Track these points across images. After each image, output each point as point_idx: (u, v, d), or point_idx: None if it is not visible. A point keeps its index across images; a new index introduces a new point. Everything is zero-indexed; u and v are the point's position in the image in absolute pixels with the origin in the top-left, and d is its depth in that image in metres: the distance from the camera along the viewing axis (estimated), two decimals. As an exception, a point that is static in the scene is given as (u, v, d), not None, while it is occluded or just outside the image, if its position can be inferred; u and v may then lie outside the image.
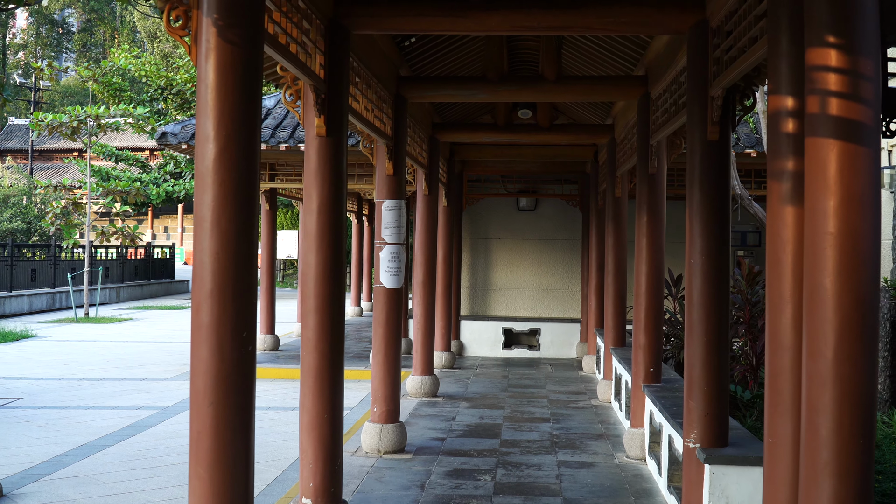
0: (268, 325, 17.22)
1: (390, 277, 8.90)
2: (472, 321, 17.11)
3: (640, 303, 8.87)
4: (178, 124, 14.78)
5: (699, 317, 5.98)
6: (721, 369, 5.96)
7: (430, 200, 12.14)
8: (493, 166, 16.82)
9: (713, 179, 6.02)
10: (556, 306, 17.41)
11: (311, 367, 6.11)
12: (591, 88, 9.23)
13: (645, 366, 8.78)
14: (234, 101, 4.13)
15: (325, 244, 6.08)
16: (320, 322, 6.09)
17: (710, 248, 5.99)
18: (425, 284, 12.17)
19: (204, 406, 4.11)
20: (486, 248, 17.54)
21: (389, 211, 8.91)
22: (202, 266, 4.11)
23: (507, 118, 12.28)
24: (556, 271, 17.45)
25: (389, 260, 8.89)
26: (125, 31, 75.58)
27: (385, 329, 8.95)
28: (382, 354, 8.96)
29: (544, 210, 17.56)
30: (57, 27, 79.28)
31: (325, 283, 6.08)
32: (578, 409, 11.62)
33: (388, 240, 8.91)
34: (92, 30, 79.54)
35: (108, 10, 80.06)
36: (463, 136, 12.78)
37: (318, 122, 6.03)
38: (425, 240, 12.13)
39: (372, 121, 7.99)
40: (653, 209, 8.83)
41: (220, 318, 4.10)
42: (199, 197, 4.14)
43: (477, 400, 12.10)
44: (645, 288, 8.83)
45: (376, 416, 8.99)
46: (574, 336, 16.98)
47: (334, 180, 6.10)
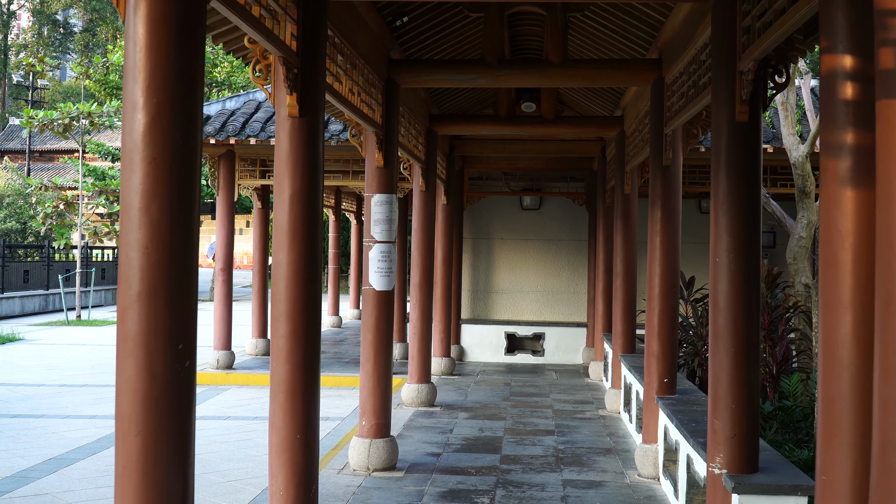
0: (259, 329, 16.46)
1: (380, 279, 8.14)
2: (474, 325, 16.35)
3: (654, 307, 8.10)
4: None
5: (726, 324, 5.21)
6: (750, 384, 5.19)
7: (428, 197, 11.39)
8: (495, 163, 16.06)
9: (742, 166, 5.25)
10: (562, 310, 16.64)
11: (283, 380, 5.36)
12: (599, 73, 8.46)
13: (658, 376, 8.02)
14: (168, 62, 3.38)
15: (299, 240, 5.33)
16: (292, 329, 5.33)
17: (739, 246, 5.23)
18: (423, 286, 11.42)
19: (130, 436, 3.36)
20: (488, 249, 16.78)
21: (379, 206, 8.16)
22: (128, 263, 3.36)
23: (509, 110, 11.52)
24: (562, 273, 16.69)
25: (379, 260, 8.13)
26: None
27: (375, 335, 8.19)
28: (372, 363, 8.21)
29: (549, 209, 16.79)
30: (59, 27, 78.76)
31: (297, 285, 5.33)
32: (585, 420, 10.86)
33: (377, 238, 8.16)
34: (94, 30, 78.97)
35: (110, 9, 79.53)
36: (462, 129, 12.02)
37: (289, 100, 5.28)
38: (422, 239, 11.38)
39: (358, 106, 7.24)
40: (667, 204, 8.07)
41: (149, 328, 3.34)
42: (126, 179, 3.39)
43: (477, 410, 11.33)
44: (658, 291, 8.06)
45: (365, 431, 8.23)
46: (580, 341, 16.21)
47: (308, 167, 5.35)
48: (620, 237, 11.31)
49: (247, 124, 13.76)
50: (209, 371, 14.33)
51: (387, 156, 8.14)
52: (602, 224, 14.21)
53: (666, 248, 8.06)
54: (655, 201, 8.15)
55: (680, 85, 7.35)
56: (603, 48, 9.63)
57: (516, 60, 8.32)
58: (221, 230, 14.47)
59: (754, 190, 5.27)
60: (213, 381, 14.11)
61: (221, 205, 14.44)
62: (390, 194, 8.18)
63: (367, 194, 8.22)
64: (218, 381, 14.09)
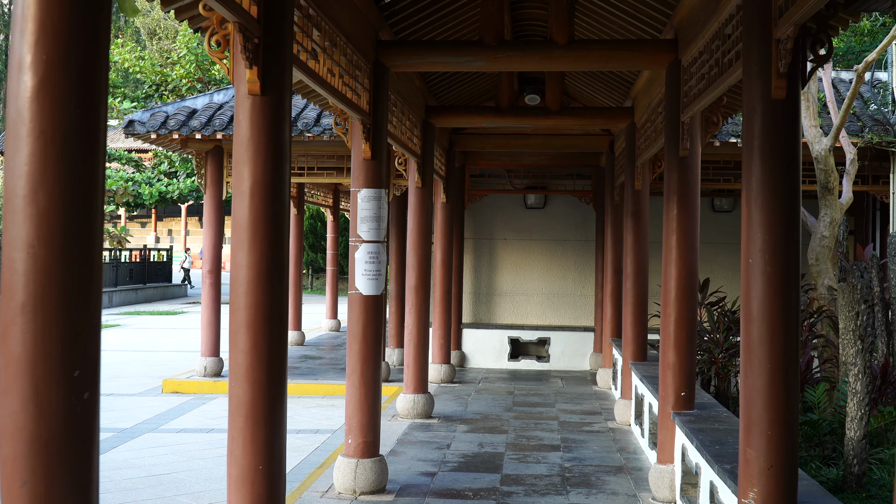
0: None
1: (367, 282, 7.39)
2: (475, 329, 15.58)
3: (669, 313, 7.34)
4: (146, 111, 13.32)
5: (761, 337, 4.44)
6: (789, 408, 4.43)
7: (424, 194, 10.63)
8: (497, 159, 15.30)
9: (779, 150, 4.49)
10: (568, 313, 15.86)
11: (242, 402, 4.61)
12: (609, 55, 7.68)
13: (675, 389, 7.25)
14: (63, 13, 2.63)
15: (260, 239, 4.57)
16: (253, 343, 4.58)
17: (776, 246, 4.46)
18: (419, 290, 10.66)
19: (14, 487, 2.60)
20: (490, 250, 16.01)
21: (367, 202, 7.40)
22: (11, 267, 2.61)
23: (511, 102, 10.75)
24: (568, 275, 15.91)
25: (367, 261, 7.38)
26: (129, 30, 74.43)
27: (362, 344, 7.43)
28: (358, 375, 7.45)
29: (554, 208, 16.02)
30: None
31: (259, 291, 4.57)
32: (593, 433, 10.09)
33: (364, 237, 7.40)
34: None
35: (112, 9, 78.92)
36: (461, 121, 11.24)
37: (249, 75, 4.52)
38: (419, 239, 10.62)
39: (340, 89, 6.48)
40: (684, 199, 7.30)
41: (37, 349, 2.59)
42: (9, 159, 2.64)
43: (477, 422, 10.57)
44: (675, 295, 7.30)
45: (351, 450, 7.47)
46: (587, 346, 15.43)
47: (272, 154, 4.59)
48: (631, 236, 10.55)
49: (235, 118, 13.00)
50: (195, 379, 13.58)
51: (375, 147, 7.38)
52: (610, 223, 13.44)
53: (683, 248, 7.30)
54: (671, 196, 7.39)
55: (699, 66, 6.58)
56: (612, 29, 8.87)
57: (517, 42, 7.56)
58: (209, 231, 13.73)
59: (793, 178, 4.50)
60: (199, 390, 13.36)
61: (209, 204, 13.69)
62: (378, 189, 7.43)
63: (354, 189, 7.47)
64: (204, 390, 13.35)
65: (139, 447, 9.91)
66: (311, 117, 12.83)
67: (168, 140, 13.39)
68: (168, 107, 13.46)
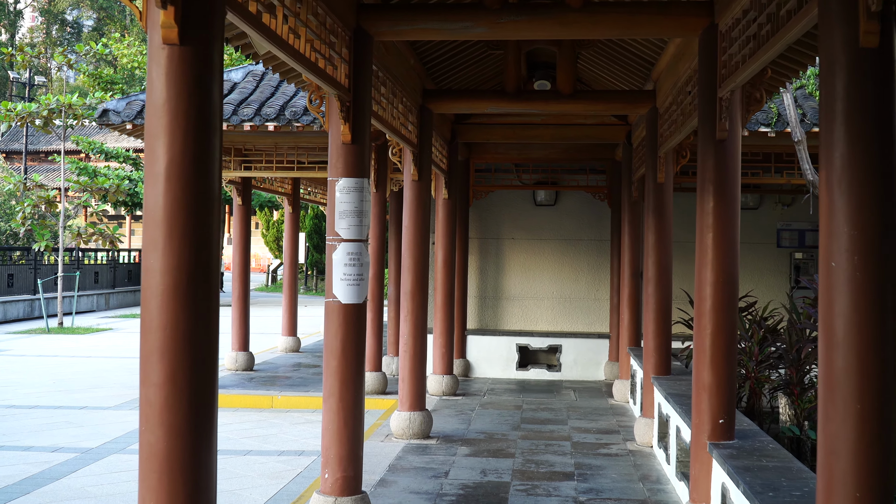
0: (240, 342, 14.59)
1: (347, 289, 6.26)
2: (481, 336, 14.44)
3: (704, 324, 6.19)
4: (122, 100, 12.21)
5: (848, 368, 3.31)
6: (885, 461, 3.29)
7: (421, 188, 9.50)
8: (504, 153, 14.15)
9: (872, 115, 3.35)
10: (581, 319, 14.71)
11: (156, 454, 3.48)
12: (631, 19, 6.51)
13: (711, 415, 6.11)
14: None
15: (180, 235, 3.45)
16: (170, 374, 3.46)
17: (868, 243, 3.32)
18: (416, 295, 9.53)
19: None
20: (497, 250, 14.86)
21: (346, 194, 6.28)
22: None
23: (518, 85, 9.60)
24: (581, 277, 14.75)
25: (346, 263, 6.25)
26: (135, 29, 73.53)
27: (340, 362, 6.31)
28: (336, 399, 6.32)
29: (566, 205, 14.86)
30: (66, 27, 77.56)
31: (179, 305, 3.45)
32: (611, 456, 8.94)
33: (343, 235, 6.28)
34: (102, 29, 77.57)
35: (118, 8, 78.55)
36: (463, 106, 10.09)
37: (163, 17, 3.40)
38: (415, 238, 9.49)
39: (309, 56, 5.36)
40: (722, 190, 6.16)
41: None
42: None
43: (480, 443, 9.42)
44: (712, 303, 6.15)
45: (328, 486, 6.34)
46: (602, 354, 14.28)
47: (196, 122, 3.48)
48: (652, 235, 9.40)
49: (217, 107, 11.89)
50: (176, 391, 12.47)
51: (355, 128, 6.25)
52: (627, 221, 12.29)
53: (721, 248, 6.16)
54: (706, 186, 6.24)
55: (744, 28, 5.44)
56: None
57: (524, 5, 6.43)
58: (190, 229, 12.62)
59: (888, 152, 3.36)
60: (180, 404, 12.24)
61: (191, 200, 12.57)
62: (360, 178, 6.30)
63: (331, 179, 6.34)
64: (185, 403, 12.22)
65: (100, 471, 8.81)
66: (300, 106, 11.71)
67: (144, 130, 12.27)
68: (144, 94, 12.34)
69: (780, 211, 14.99)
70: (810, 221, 15.23)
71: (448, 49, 9.54)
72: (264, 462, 9.23)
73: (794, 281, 15.16)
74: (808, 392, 8.42)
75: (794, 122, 10.62)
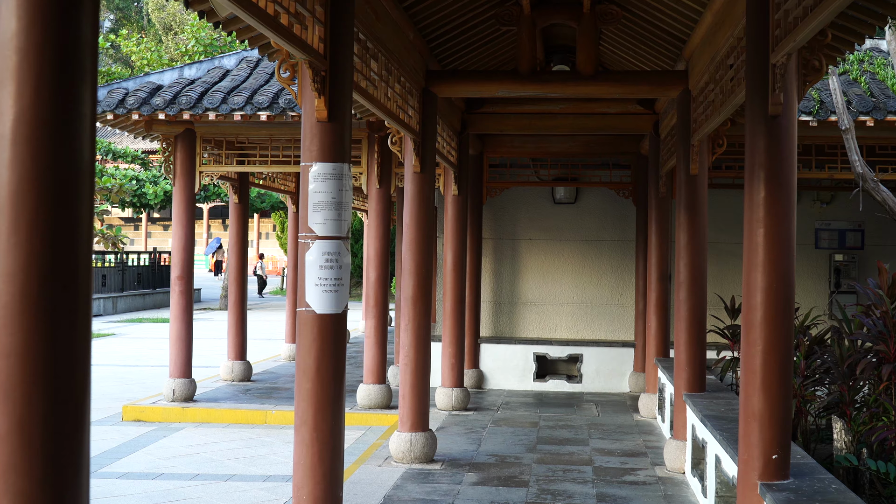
0: (236, 351, 13.58)
1: (323, 296, 5.22)
2: (496, 345, 13.36)
3: (754, 339, 5.12)
4: (103, 87, 11.23)
5: None
6: None
7: (424, 182, 8.46)
8: (520, 146, 13.08)
9: None
10: (603, 326, 13.61)
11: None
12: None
13: (763, 449, 5.03)
14: None
15: (29, 223, 2.41)
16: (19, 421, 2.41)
17: None
18: (418, 301, 8.48)
19: None
20: (512, 252, 13.79)
21: (322, 182, 5.24)
22: None
23: (533, 65, 8.54)
24: (603, 281, 13.66)
25: (322, 265, 5.21)
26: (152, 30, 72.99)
27: (315, 384, 5.27)
28: (310, 428, 5.27)
29: (587, 203, 13.77)
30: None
31: (30, 323, 2.41)
32: (638, 485, 7.85)
33: (318, 231, 5.23)
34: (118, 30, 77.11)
35: (135, 9, 78.29)
36: (471, 89, 9.00)
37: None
38: (417, 237, 8.45)
39: (273, 13, 4.32)
40: (776, 175, 5.09)
41: None
42: None
43: (490, 469, 8.35)
44: (763, 314, 5.07)
45: (301, 532, 5.29)
46: (626, 364, 13.18)
47: (56, 65, 2.44)
48: (685, 233, 8.32)
49: (206, 95, 10.90)
50: (161, 405, 11.47)
51: (333, 103, 5.22)
52: (655, 219, 11.19)
53: (775, 246, 5.08)
54: (755, 172, 5.16)
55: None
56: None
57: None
58: (178, 229, 11.63)
59: None
60: (164, 418, 11.24)
61: (179, 198, 11.59)
62: (339, 164, 5.26)
63: (304, 164, 5.30)
64: (170, 418, 11.23)
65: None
66: (295, 93, 10.68)
67: (128, 122, 11.31)
68: (129, 82, 11.38)
69: (818, 209, 13.86)
70: (851, 220, 14.08)
71: (454, 26, 8.50)
72: (246, 489, 8.20)
73: (834, 285, 14.03)
74: (862, 412, 7.32)
75: (841, 109, 9.53)
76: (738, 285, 12.69)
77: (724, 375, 9.45)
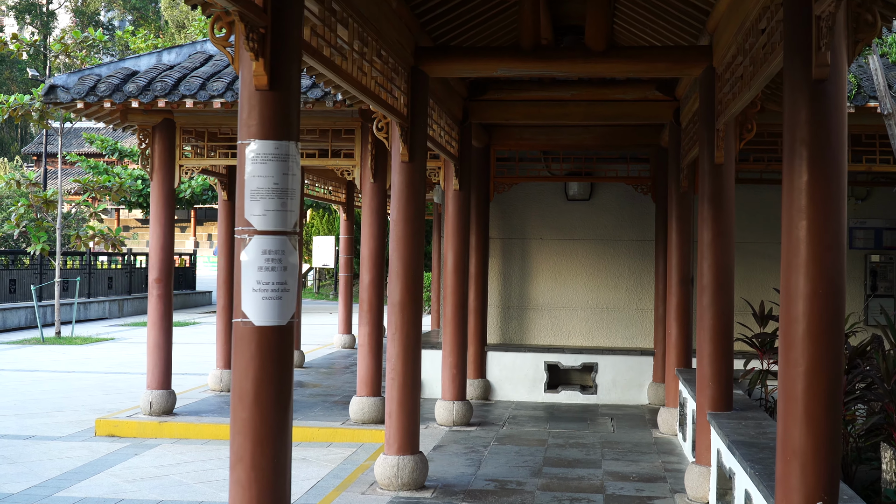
0: (226, 358, 12.63)
1: (263, 304, 4.26)
2: (504, 352, 12.36)
3: (795, 358, 4.12)
4: (73, 74, 10.33)
5: None
6: None
7: (414, 172, 7.49)
8: (530, 138, 12.10)
9: None
10: (620, 332, 12.60)
11: None
12: None
13: (806, 494, 4.10)
14: None
15: None
16: None
17: None
18: (406, 307, 7.52)
19: None
20: (522, 252, 12.80)
21: (262, 164, 4.28)
22: None
23: (536, 39, 7.56)
24: (620, 284, 12.64)
25: (262, 267, 4.26)
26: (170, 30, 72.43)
27: (254, 412, 4.31)
28: (246, 467, 4.31)
29: (603, 199, 12.76)
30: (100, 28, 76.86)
31: None
32: (655, 518, 6.86)
33: (257, 224, 4.28)
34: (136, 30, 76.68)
35: (153, 8, 77.94)
36: (466, 67, 8.01)
37: None
38: (405, 234, 7.49)
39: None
40: (822, 154, 4.10)
41: None
42: None
43: (488, 497, 7.36)
44: (807, 327, 4.09)
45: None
46: (645, 374, 12.16)
47: None
48: (709, 231, 7.31)
49: (183, 80, 9.97)
50: (137, 419, 10.55)
51: (276, 67, 4.26)
52: (675, 217, 10.16)
53: (821, 243, 4.09)
54: (797, 150, 4.17)
55: None
56: None
57: None
58: (157, 228, 10.69)
59: None
60: (139, 433, 10.32)
61: (157, 193, 10.65)
62: (283, 142, 4.30)
63: (241, 142, 4.34)
64: (145, 434, 10.30)
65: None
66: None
67: (101, 111, 10.40)
68: (102, 68, 10.48)
69: (852, 205, 12.78)
70: (888, 218, 13.02)
71: (446, -3, 7.53)
72: (209, 521, 7.27)
73: (871, 288, 12.97)
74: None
75: (883, 91, 8.47)
76: (768, 289, 11.69)
77: (752, 389, 8.44)
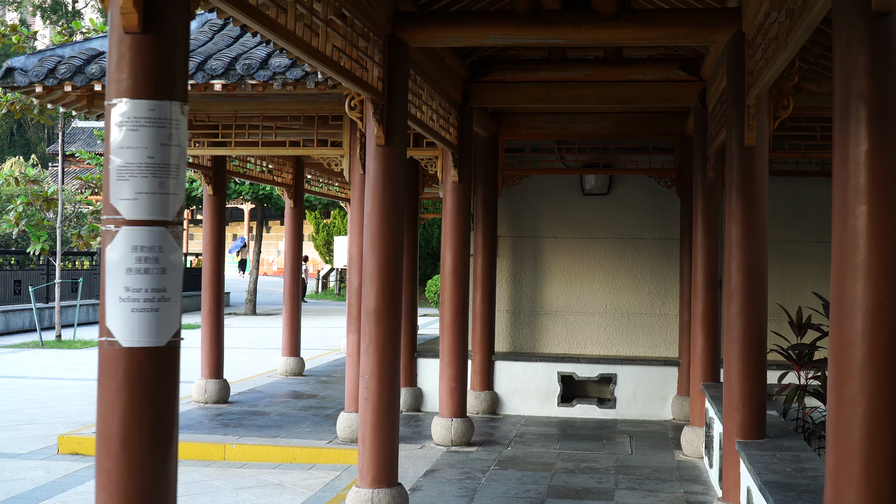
0: (211, 368, 11.57)
1: (133, 318, 3.21)
2: (513, 362, 11.25)
3: (851, 396, 3.04)
4: (32, 55, 9.35)
5: None
6: None
7: (391, 157, 6.43)
8: (542, 126, 11.00)
9: None
10: (642, 340, 11.46)
11: None
12: None
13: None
14: None
15: None
16: None
17: None
18: (381, 314, 6.45)
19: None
20: (534, 252, 11.69)
21: (133, 132, 3.22)
22: None
23: (534, 2, 6.46)
24: (642, 287, 11.50)
25: (131, 268, 3.20)
26: (195, 29, 72.05)
27: (120, 460, 3.26)
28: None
29: (623, 194, 11.63)
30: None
31: None
32: (673, 568, 5.74)
33: (127, 212, 3.22)
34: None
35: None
36: (451, 35, 6.84)
37: None
38: (380, 229, 6.43)
39: None
40: (886, 111, 2.98)
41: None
42: None
43: (476, 538, 6.30)
44: (867, 353, 2.98)
45: None
46: (669, 386, 11.01)
47: None
48: (738, 226, 6.18)
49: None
50: (102, 436, 9.55)
51: (150, 4, 3.20)
52: (702, 212, 9.03)
53: (885, 236, 2.98)
54: (851, 109, 3.07)
55: None
56: None
57: None
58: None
59: None
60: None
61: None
62: (164, 101, 3.24)
63: (108, 103, 3.28)
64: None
65: None
66: (257, 58, 8.71)
67: (64, 96, 9.41)
68: (65, 48, 9.48)
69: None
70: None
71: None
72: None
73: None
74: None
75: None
76: (805, 293, 10.45)
77: (788, 409, 7.31)
